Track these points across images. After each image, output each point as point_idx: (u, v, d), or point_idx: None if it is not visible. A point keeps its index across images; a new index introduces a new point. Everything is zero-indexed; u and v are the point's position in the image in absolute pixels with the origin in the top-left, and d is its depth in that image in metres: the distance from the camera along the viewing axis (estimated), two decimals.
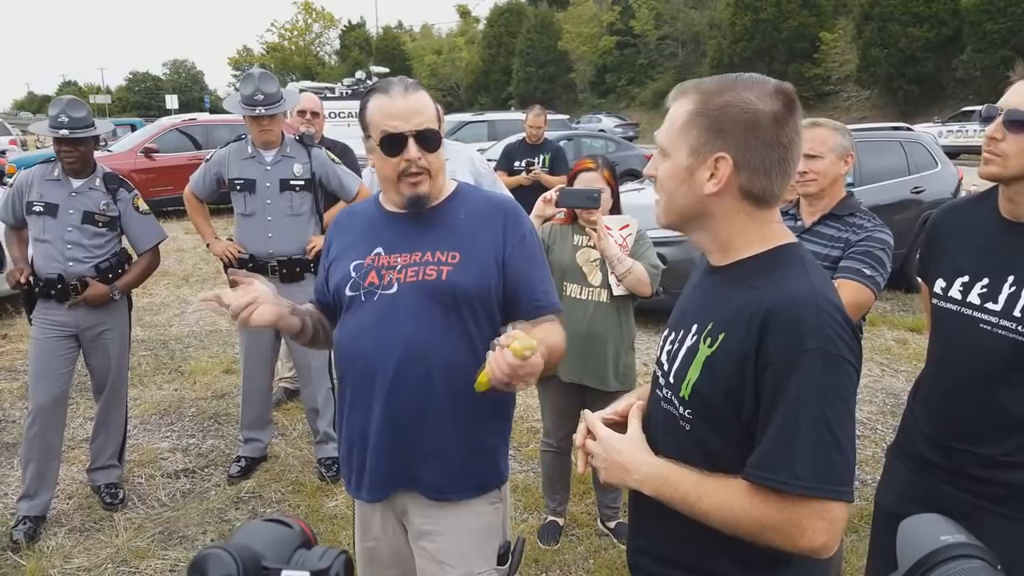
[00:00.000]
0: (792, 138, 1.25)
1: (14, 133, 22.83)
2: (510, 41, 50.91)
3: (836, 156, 2.54)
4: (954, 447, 1.85)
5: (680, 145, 1.29)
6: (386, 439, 1.79)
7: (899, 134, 8.21)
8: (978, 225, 1.87)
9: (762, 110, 1.23)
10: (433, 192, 1.82)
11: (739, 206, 1.29)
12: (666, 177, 1.32)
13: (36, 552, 3.31)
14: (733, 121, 1.23)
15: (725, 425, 1.25)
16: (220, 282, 8.02)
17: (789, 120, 1.24)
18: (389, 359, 1.75)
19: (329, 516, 3.59)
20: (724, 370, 1.23)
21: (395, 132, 1.73)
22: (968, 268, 1.83)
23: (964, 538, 0.77)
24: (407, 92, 1.76)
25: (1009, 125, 1.70)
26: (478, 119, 18.25)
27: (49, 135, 3.37)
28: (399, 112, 1.74)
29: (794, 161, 1.27)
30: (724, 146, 1.24)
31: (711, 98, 1.26)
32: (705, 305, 1.35)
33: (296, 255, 3.83)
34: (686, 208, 1.32)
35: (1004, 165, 1.73)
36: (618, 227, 3.05)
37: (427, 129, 1.75)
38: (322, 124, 4.78)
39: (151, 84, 78.57)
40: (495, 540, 1.89)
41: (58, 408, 3.53)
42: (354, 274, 1.83)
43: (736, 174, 1.25)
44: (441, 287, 1.75)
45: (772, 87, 1.25)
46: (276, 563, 0.79)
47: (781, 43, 33.66)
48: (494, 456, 1.88)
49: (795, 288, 1.22)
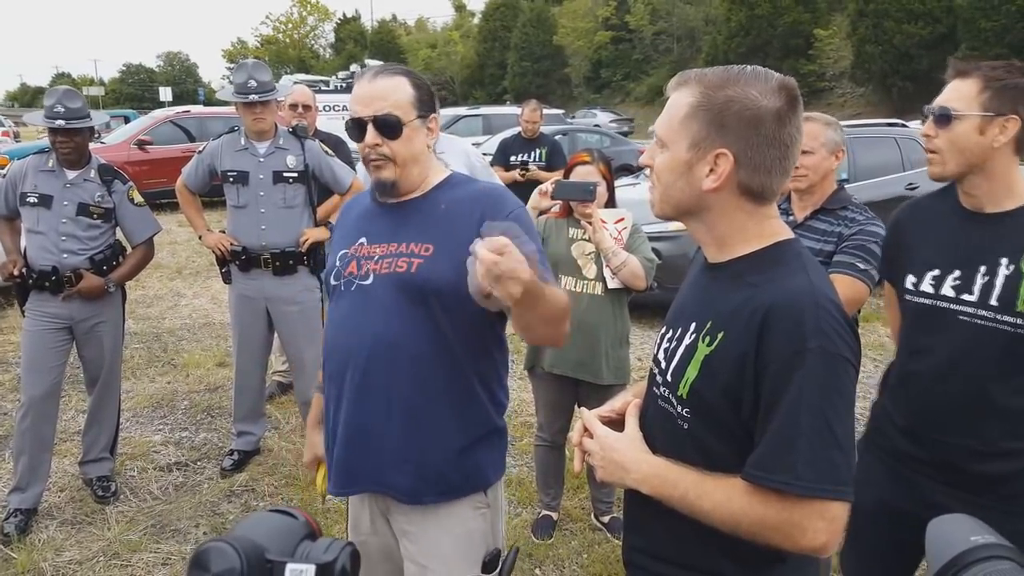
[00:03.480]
0: (794, 136, 1.24)
1: (7, 124, 22.67)
2: (505, 35, 50.78)
3: (827, 151, 2.53)
4: (932, 438, 1.85)
5: (680, 138, 1.26)
6: (352, 435, 1.74)
7: (894, 130, 8.23)
8: (942, 219, 1.90)
9: (765, 107, 1.21)
10: (402, 181, 1.76)
11: (737, 202, 1.27)
12: (663, 169, 1.30)
13: (27, 545, 3.29)
14: (736, 117, 1.21)
15: (723, 424, 1.24)
16: (213, 275, 7.99)
17: (791, 117, 1.23)
18: (360, 353, 1.71)
19: (323, 510, 3.58)
20: (723, 369, 1.22)
21: (355, 116, 1.71)
22: (937, 261, 1.86)
23: (994, 539, 0.77)
24: (375, 77, 1.73)
25: (937, 121, 1.81)
26: (473, 113, 18.19)
27: (44, 125, 3.34)
28: (361, 96, 1.71)
29: (794, 158, 1.26)
30: (725, 142, 1.22)
31: (714, 91, 1.23)
32: (703, 303, 1.33)
33: (289, 248, 3.81)
34: (682, 201, 1.30)
35: (942, 161, 1.81)
36: (613, 220, 3.05)
37: (386, 115, 1.69)
38: (314, 117, 4.74)
39: (145, 76, 78.21)
40: (480, 547, 1.81)
41: (51, 400, 3.51)
42: (338, 263, 1.81)
43: (736, 171, 1.23)
44: (410, 280, 1.68)
45: (776, 83, 1.23)
46: (280, 556, 0.76)
47: (776, 39, 33.66)
48: (475, 460, 1.78)
49: (794, 286, 1.21)
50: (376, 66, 1.78)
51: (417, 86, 1.76)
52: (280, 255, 3.80)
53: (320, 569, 0.76)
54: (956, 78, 1.82)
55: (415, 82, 1.76)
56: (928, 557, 0.80)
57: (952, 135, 1.78)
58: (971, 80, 1.78)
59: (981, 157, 1.76)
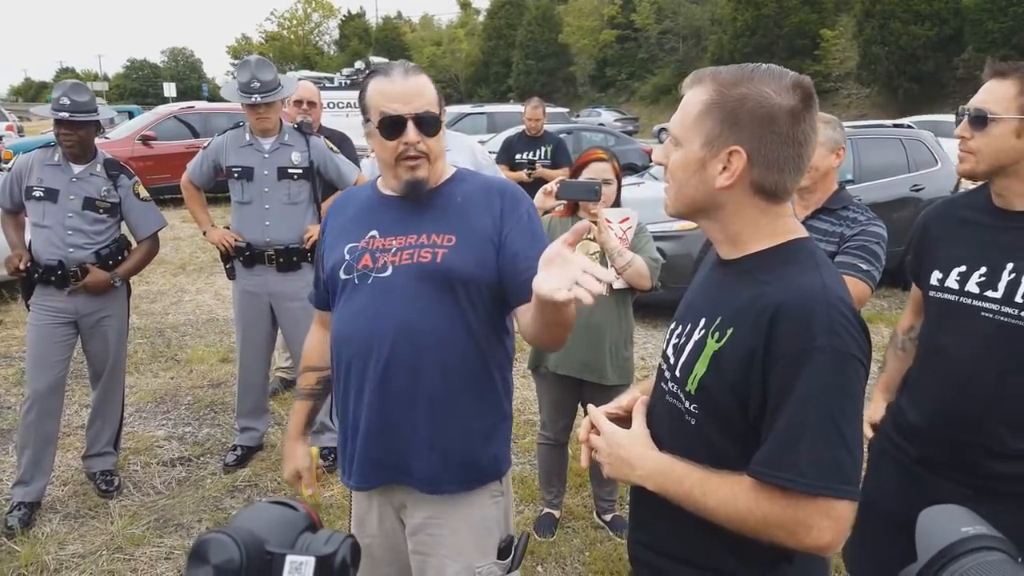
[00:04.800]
0: (808, 134, 1.24)
1: (11, 119, 22.70)
2: (510, 33, 50.74)
3: (827, 149, 2.51)
4: (949, 437, 1.84)
5: (693, 135, 1.26)
6: (376, 425, 1.75)
7: (900, 131, 8.21)
8: (972, 218, 1.89)
9: (780, 105, 1.21)
10: (432, 177, 1.78)
11: (750, 200, 1.27)
12: (677, 167, 1.30)
13: (31, 538, 3.30)
14: (749, 114, 1.21)
15: (731, 421, 1.24)
16: (217, 271, 8.01)
17: (806, 116, 1.23)
18: (383, 343, 1.71)
19: (325, 506, 3.58)
20: (731, 365, 1.22)
21: (394, 114, 1.70)
22: (965, 258, 1.84)
23: (985, 530, 0.76)
24: (407, 75, 1.73)
25: (973, 123, 1.79)
26: (477, 111, 18.17)
27: (50, 117, 3.34)
28: (399, 94, 1.71)
29: (808, 157, 1.25)
30: (739, 139, 1.22)
31: (728, 89, 1.23)
32: (714, 299, 1.33)
33: (293, 244, 3.81)
34: (696, 199, 1.30)
35: (975, 161, 1.80)
36: (618, 220, 3.04)
37: (426, 112, 1.71)
38: (319, 114, 4.73)
39: (149, 72, 78.28)
40: (495, 534, 1.84)
41: (55, 395, 3.52)
42: (348, 257, 1.79)
43: (749, 168, 1.23)
44: (436, 269, 1.70)
45: (790, 81, 1.23)
46: (280, 547, 0.76)
47: (782, 39, 33.61)
48: (493, 447, 1.82)
49: (806, 284, 1.20)
50: (402, 64, 1.78)
51: (433, 84, 1.79)
52: (284, 251, 3.80)
53: (320, 561, 0.75)
54: (993, 79, 1.79)
55: (431, 80, 1.80)
56: (918, 548, 0.79)
57: (988, 138, 1.76)
58: (1009, 81, 1.75)
59: (1015, 159, 1.75)
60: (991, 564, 0.72)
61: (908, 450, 1.95)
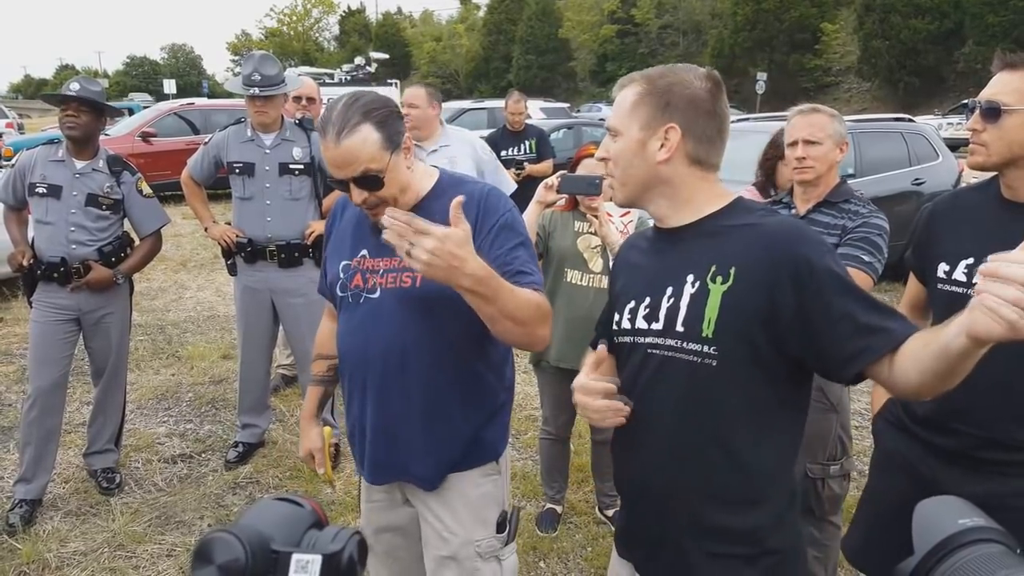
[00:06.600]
0: (725, 111, 1.46)
1: (11, 116, 22.68)
2: (510, 28, 50.66)
3: (833, 143, 2.53)
4: (961, 432, 1.83)
5: (631, 122, 1.45)
6: (379, 436, 1.87)
7: (901, 125, 8.18)
8: (980, 210, 1.88)
9: (700, 87, 1.43)
10: (402, 205, 1.74)
11: (688, 170, 1.45)
12: (619, 154, 1.47)
13: (32, 536, 3.30)
14: (678, 96, 1.42)
15: (756, 349, 1.36)
16: (218, 267, 8.00)
17: (720, 96, 1.45)
18: (375, 362, 1.81)
19: (327, 502, 3.58)
20: (750, 295, 1.35)
21: (336, 179, 1.71)
22: (973, 250, 1.83)
23: (983, 521, 0.75)
24: (339, 140, 1.65)
25: (985, 115, 1.78)
26: (477, 106, 18.14)
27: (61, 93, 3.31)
28: (331, 160, 1.69)
29: (727, 131, 1.47)
30: (672, 118, 1.42)
31: (656, 81, 1.44)
32: (685, 259, 1.45)
33: (295, 240, 3.80)
34: (641, 177, 1.46)
35: (987, 154, 1.79)
36: (619, 214, 3.03)
37: (363, 173, 1.67)
38: (319, 110, 4.71)
39: (149, 68, 78.15)
40: (494, 509, 1.94)
41: (58, 392, 3.51)
42: (342, 275, 1.88)
43: (684, 142, 1.42)
44: (417, 294, 1.75)
45: (703, 71, 1.46)
46: (286, 545, 0.75)
47: (782, 33, 33.53)
48: (487, 441, 1.92)
49: (782, 217, 1.42)
50: (332, 124, 1.66)
51: (381, 122, 1.67)
52: (285, 247, 3.80)
53: (327, 559, 0.74)
54: (1004, 70, 1.76)
55: (378, 118, 1.67)
56: (915, 540, 0.77)
57: (1001, 130, 1.74)
58: (1021, 72, 1.73)
59: None
60: (990, 556, 0.70)
61: (915, 443, 1.94)
